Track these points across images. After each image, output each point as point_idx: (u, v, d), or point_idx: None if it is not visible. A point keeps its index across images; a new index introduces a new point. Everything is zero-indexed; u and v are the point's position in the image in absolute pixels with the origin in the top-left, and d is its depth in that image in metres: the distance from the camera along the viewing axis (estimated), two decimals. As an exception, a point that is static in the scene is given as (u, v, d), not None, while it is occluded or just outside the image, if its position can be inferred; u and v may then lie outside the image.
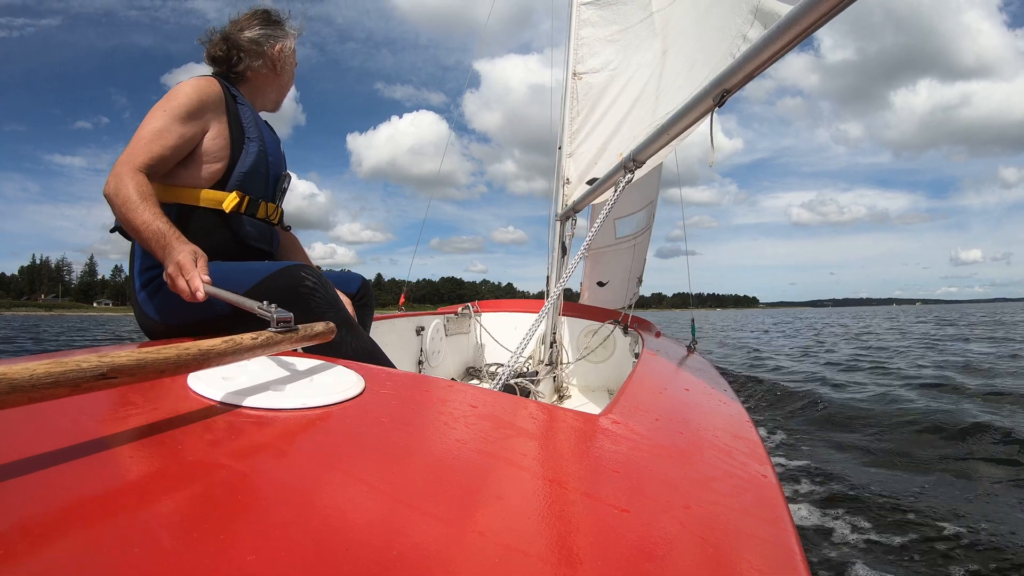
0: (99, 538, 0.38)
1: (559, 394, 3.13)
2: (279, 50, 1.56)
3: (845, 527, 2.38)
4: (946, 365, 7.37)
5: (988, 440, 3.54)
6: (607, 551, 0.46)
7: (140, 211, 1.15)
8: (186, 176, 1.33)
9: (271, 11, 1.58)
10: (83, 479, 0.46)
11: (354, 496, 0.50)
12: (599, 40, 2.96)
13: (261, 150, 1.44)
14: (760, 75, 1.24)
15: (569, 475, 0.65)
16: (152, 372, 0.55)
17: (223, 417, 0.64)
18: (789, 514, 0.65)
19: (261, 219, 1.47)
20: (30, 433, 0.54)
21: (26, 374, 0.44)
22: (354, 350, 1.26)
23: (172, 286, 1.06)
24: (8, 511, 0.40)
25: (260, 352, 0.74)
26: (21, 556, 0.34)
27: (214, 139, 1.35)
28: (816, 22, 1.02)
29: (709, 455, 0.88)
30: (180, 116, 1.29)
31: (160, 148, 1.25)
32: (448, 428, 0.76)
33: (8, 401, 0.43)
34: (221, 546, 0.38)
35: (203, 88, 1.35)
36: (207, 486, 0.48)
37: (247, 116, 1.44)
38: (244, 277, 1.25)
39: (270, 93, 1.61)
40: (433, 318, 3.15)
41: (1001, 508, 2.57)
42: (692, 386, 1.64)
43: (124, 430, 0.58)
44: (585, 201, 2.65)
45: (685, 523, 0.56)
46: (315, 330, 0.89)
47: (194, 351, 0.61)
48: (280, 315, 0.83)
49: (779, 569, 0.51)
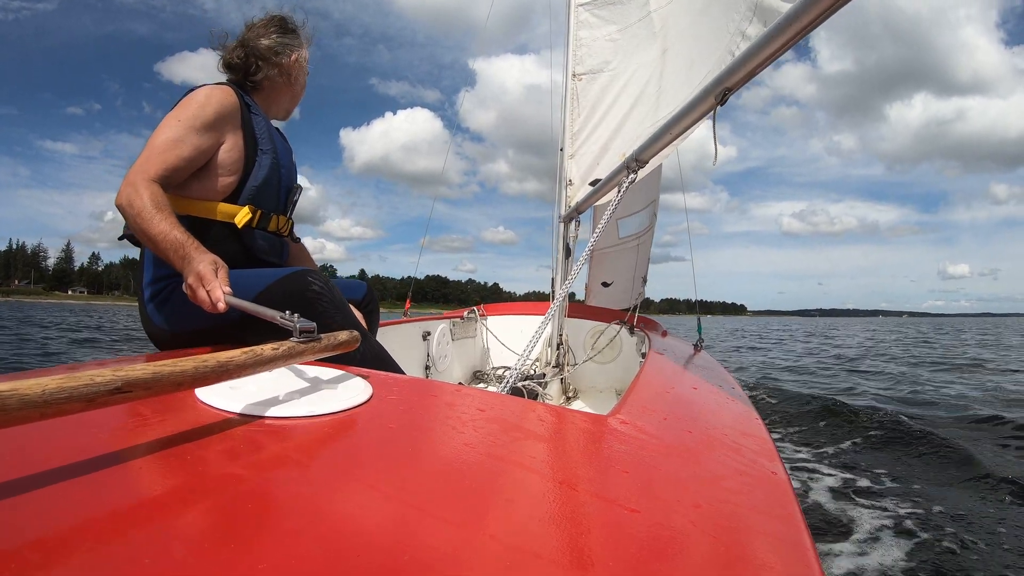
0: (115, 552, 0.38)
1: (566, 396, 3.12)
2: (295, 59, 1.53)
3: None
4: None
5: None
6: (618, 552, 0.46)
7: (156, 221, 1.13)
8: (199, 188, 1.32)
9: (287, 19, 1.55)
10: (99, 493, 0.47)
11: (366, 503, 0.50)
12: (598, 40, 2.96)
13: (274, 162, 1.42)
14: (758, 82, 1.23)
15: (578, 476, 0.65)
16: (168, 386, 0.55)
17: (234, 428, 0.64)
18: (800, 511, 0.64)
19: (272, 232, 1.46)
20: (42, 448, 0.54)
21: (38, 389, 0.44)
22: (363, 355, 1.26)
23: (192, 297, 1.05)
24: (25, 526, 0.40)
25: (281, 363, 0.73)
26: (39, 571, 0.35)
27: (229, 151, 1.34)
28: (818, 17, 1.02)
29: (718, 453, 0.87)
30: (196, 127, 1.26)
31: (175, 159, 1.23)
32: (457, 432, 0.76)
33: (20, 417, 0.43)
34: (235, 556, 0.38)
35: (220, 99, 1.32)
36: (218, 498, 0.48)
37: (261, 127, 1.42)
38: (252, 283, 1.25)
39: (283, 102, 1.58)
40: (439, 323, 3.16)
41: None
42: (700, 384, 1.64)
43: (136, 444, 0.58)
44: (588, 202, 2.65)
45: (696, 522, 0.55)
46: (339, 339, 0.86)
47: (212, 363, 0.60)
48: (303, 325, 0.80)
49: (792, 566, 0.51)
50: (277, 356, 0.71)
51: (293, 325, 0.80)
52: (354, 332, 0.92)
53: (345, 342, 0.88)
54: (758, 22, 1.51)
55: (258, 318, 0.92)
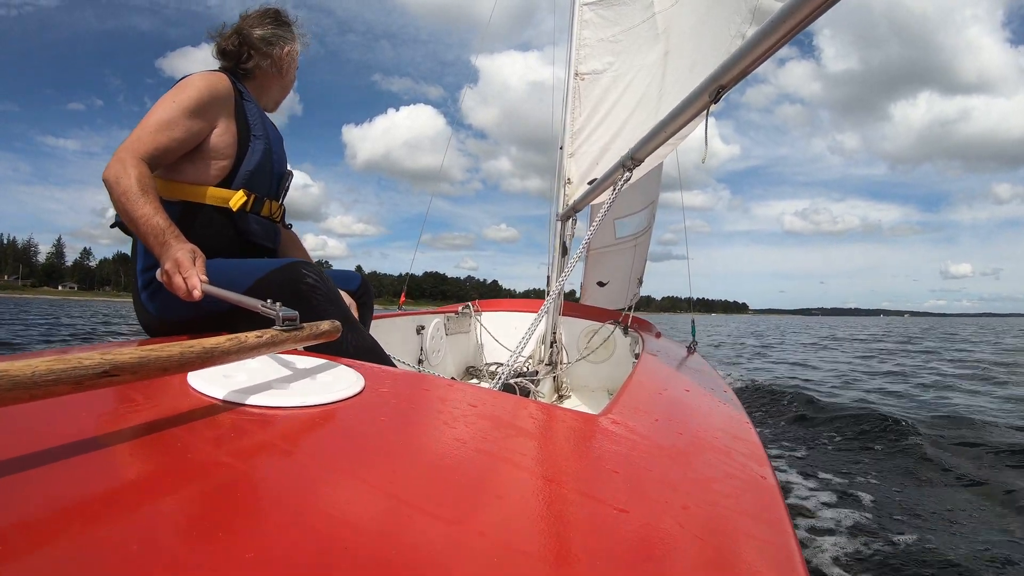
0: (99, 536, 0.38)
1: (559, 394, 3.13)
2: (287, 52, 1.57)
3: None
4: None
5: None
6: (606, 551, 0.46)
7: (140, 203, 1.13)
8: (192, 172, 1.33)
9: (281, 11, 1.59)
10: (85, 477, 0.46)
11: (354, 495, 0.50)
12: (601, 41, 2.96)
13: (267, 148, 1.44)
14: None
15: (568, 475, 0.65)
16: (155, 370, 0.55)
17: (223, 415, 0.64)
18: (788, 516, 0.65)
19: (265, 217, 1.47)
20: (31, 430, 0.54)
21: (28, 371, 0.44)
22: (355, 347, 1.26)
23: (168, 284, 1.05)
24: (9, 509, 0.40)
25: (265, 351, 0.74)
26: (22, 554, 0.34)
27: (221, 136, 1.35)
28: (808, 16, 1.03)
29: (708, 456, 0.88)
30: (189, 110, 1.28)
31: (166, 139, 1.24)
32: (447, 427, 0.76)
33: (9, 398, 0.43)
34: (221, 544, 0.38)
35: (214, 84, 1.34)
36: (206, 485, 0.48)
37: (253, 113, 1.44)
38: (245, 274, 1.25)
39: (273, 93, 1.61)
40: (433, 317, 3.15)
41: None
42: (692, 387, 1.64)
43: (125, 428, 0.58)
44: (585, 201, 2.65)
45: (684, 524, 0.56)
46: (320, 329, 0.88)
47: (198, 349, 0.61)
48: (285, 313, 0.82)
49: (778, 570, 0.51)
50: (260, 344, 0.72)
51: (275, 313, 0.82)
52: (335, 323, 0.93)
53: (327, 331, 0.89)
54: (756, 25, 1.51)
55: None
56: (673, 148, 1.95)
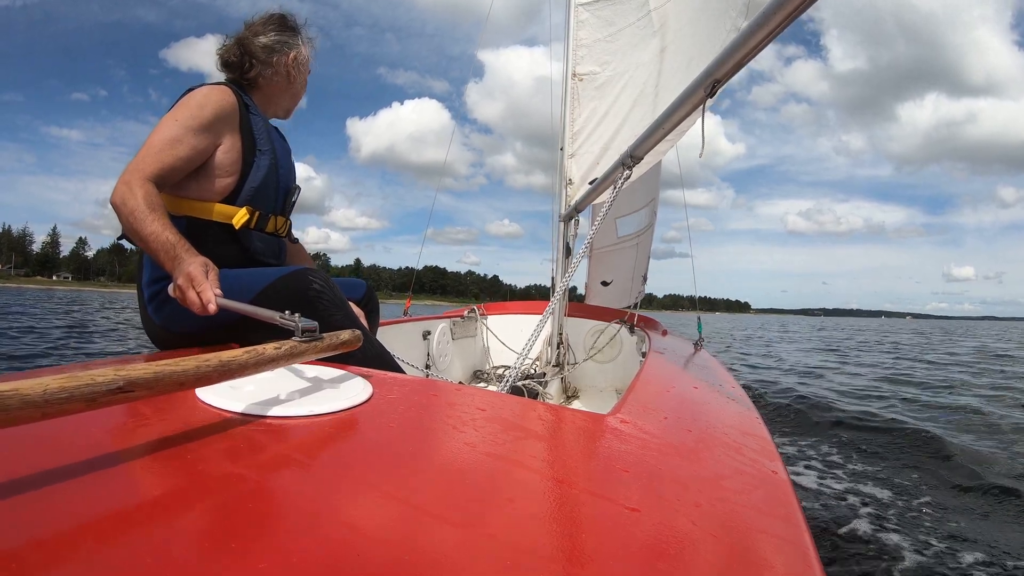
0: (115, 551, 0.38)
1: (567, 395, 3.12)
2: (293, 58, 1.52)
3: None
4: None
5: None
6: (619, 551, 0.46)
7: (148, 222, 1.13)
8: (196, 189, 1.32)
9: (287, 16, 1.54)
10: (98, 493, 0.46)
11: (366, 502, 0.50)
12: (598, 41, 2.96)
13: (272, 163, 1.42)
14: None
15: (579, 476, 0.65)
16: (171, 385, 0.54)
17: (233, 426, 0.64)
18: (802, 511, 0.64)
19: (270, 233, 1.46)
20: (43, 448, 0.54)
21: (39, 389, 0.44)
22: (363, 354, 1.26)
23: (181, 299, 1.04)
24: (25, 526, 0.40)
25: (283, 363, 0.72)
26: (39, 571, 0.35)
27: (227, 152, 1.34)
28: (797, 8, 1.03)
29: (719, 452, 0.88)
30: (194, 127, 1.26)
31: (172, 159, 1.23)
32: (457, 432, 0.76)
33: (21, 417, 0.43)
34: (235, 556, 0.38)
35: (219, 100, 1.32)
36: (219, 497, 0.48)
37: (259, 127, 1.42)
38: (251, 282, 1.25)
39: (282, 101, 1.58)
40: (439, 322, 3.16)
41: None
42: (700, 384, 1.64)
43: (137, 444, 0.58)
44: (586, 201, 2.65)
45: (697, 521, 0.56)
46: (341, 339, 0.85)
47: (214, 363, 0.60)
48: (305, 324, 0.80)
49: (793, 566, 0.51)
50: (279, 356, 0.70)
51: (295, 325, 0.80)
52: (356, 331, 0.91)
53: (347, 341, 0.87)
54: (751, 18, 1.51)
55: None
56: (672, 144, 1.95)
